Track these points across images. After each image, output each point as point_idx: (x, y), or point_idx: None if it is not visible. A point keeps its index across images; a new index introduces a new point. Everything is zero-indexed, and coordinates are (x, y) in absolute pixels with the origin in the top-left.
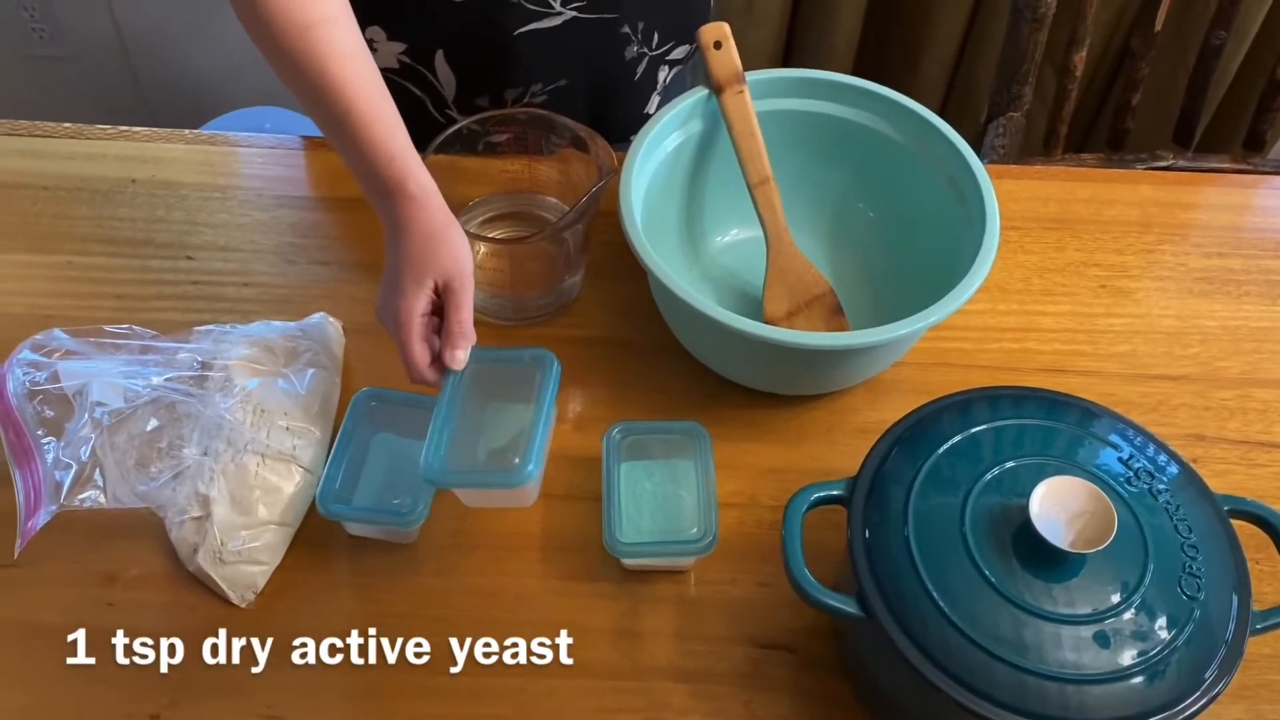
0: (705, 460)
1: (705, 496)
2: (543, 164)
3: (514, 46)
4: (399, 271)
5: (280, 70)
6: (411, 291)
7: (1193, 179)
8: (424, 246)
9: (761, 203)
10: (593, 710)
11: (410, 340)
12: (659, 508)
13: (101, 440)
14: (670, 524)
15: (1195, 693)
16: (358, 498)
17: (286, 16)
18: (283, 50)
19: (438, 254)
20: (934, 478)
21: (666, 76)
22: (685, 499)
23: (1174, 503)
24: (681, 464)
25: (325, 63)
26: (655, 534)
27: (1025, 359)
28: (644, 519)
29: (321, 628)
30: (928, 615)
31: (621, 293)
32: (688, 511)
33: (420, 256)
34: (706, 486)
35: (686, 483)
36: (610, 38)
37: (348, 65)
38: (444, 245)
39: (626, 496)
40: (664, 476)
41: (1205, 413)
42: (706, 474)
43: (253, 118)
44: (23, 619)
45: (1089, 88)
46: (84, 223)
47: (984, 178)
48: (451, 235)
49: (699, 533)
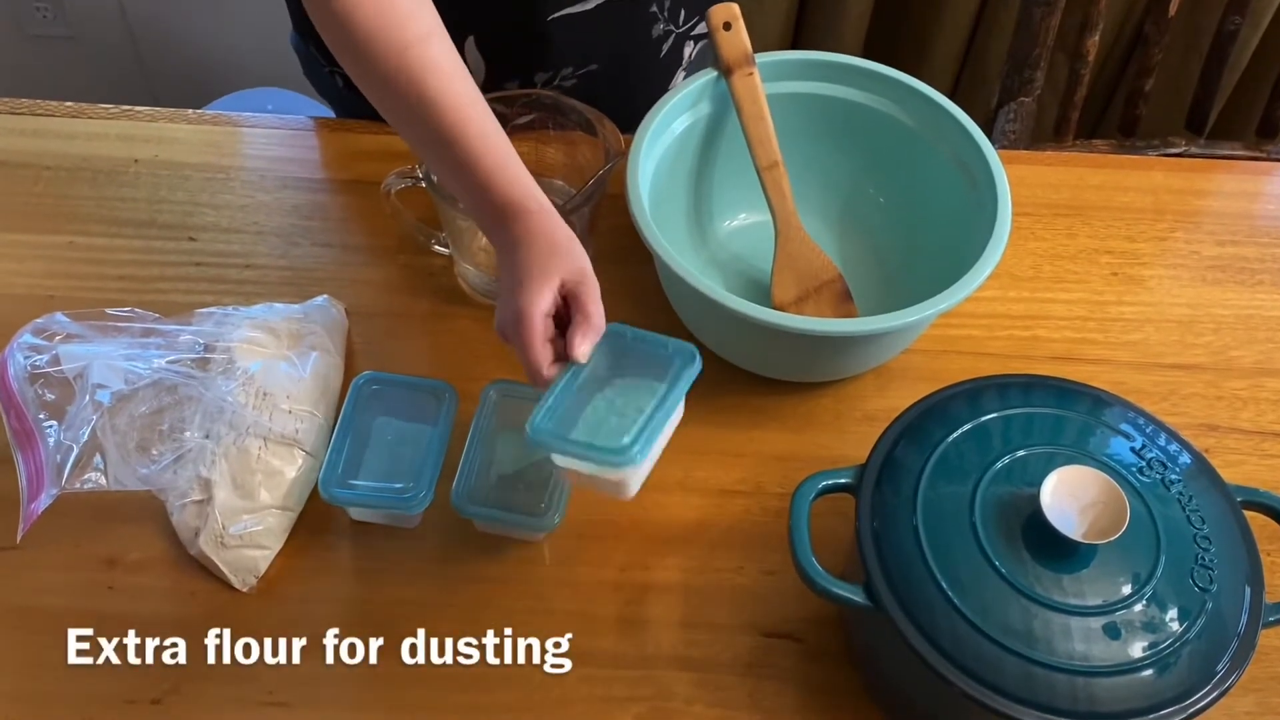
0: (679, 378)
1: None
2: (550, 146)
3: (547, 32)
4: (525, 272)
5: (378, 93)
6: (537, 289)
7: (1206, 165)
8: (550, 251)
9: (770, 187)
10: (598, 699)
11: (534, 339)
12: (600, 412)
13: (102, 422)
14: (604, 429)
15: (1206, 686)
16: (360, 482)
17: (385, 36)
18: (382, 73)
19: (565, 257)
20: (943, 466)
21: (692, 52)
22: (637, 412)
23: (1186, 493)
24: (653, 380)
25: (428, 81)
26: (580, 433)
27: (1035, 347)
28: (582, 416)
29: (324, 613)
30: (936, 605)
31: (628, 277)
32: (630, 424)
33: (547, 259)
34: (664, 404)
35: (646, 395)
36: (639, 17)
37: (453, 84)
38: (570, 250)
39: (577, 393)
40: (625, 382)
41: (1218, 402)
42: (672, 392)
43: (256, 99)
44: (23, 603)
45: (1101, 73)
46: (86, 203)
47: (996, 163)
48: (575, 244)
49: (631, 444)
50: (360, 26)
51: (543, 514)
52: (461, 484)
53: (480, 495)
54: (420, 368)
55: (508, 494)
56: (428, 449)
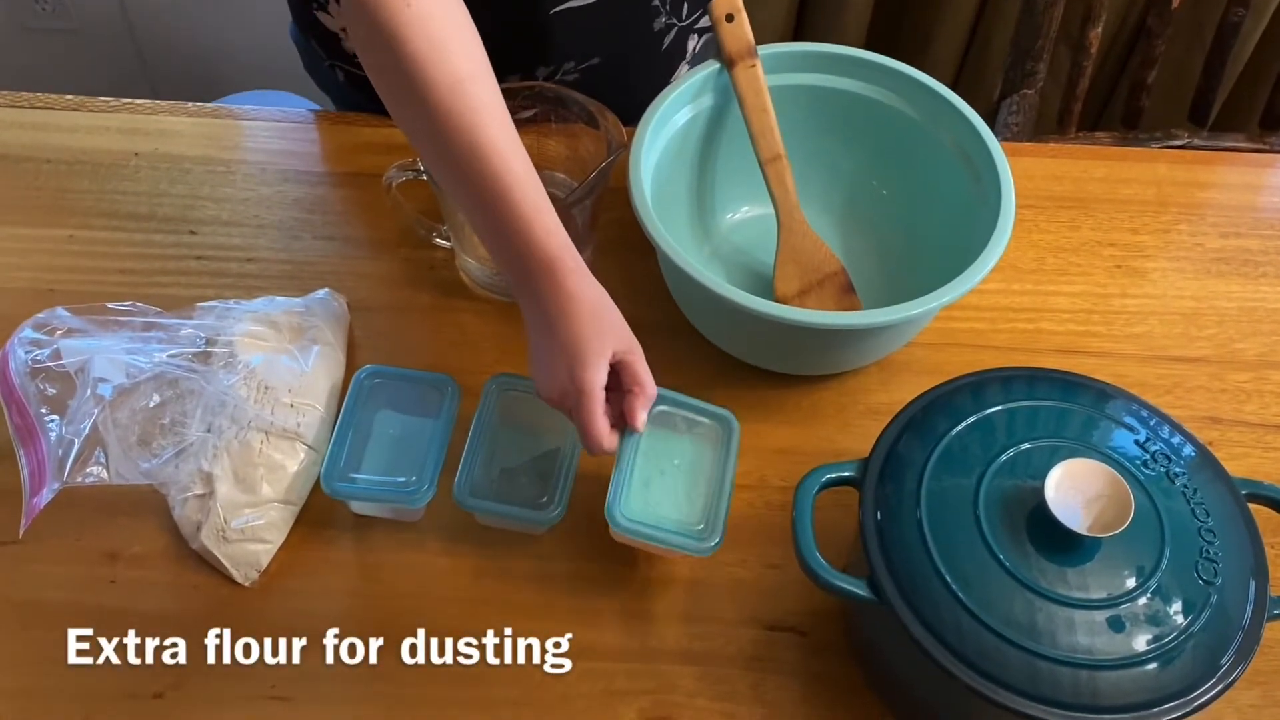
0: (729, 451)
1: (718, 490)
2: (551, 139)
3: (548, 26)
4: (578, 344)
5: (422, 129)
6: (594, 364)
7: (1210, 158)
8: (596, 316)
9: (773, 180)
10: (601, 692)
11: (596, 412)
12: (669, 490)
13: (103, 416)
14: (676, 512)
15: (1210, 679)
16: (362, 476)
17: (439, 69)
18: (431, 106)
19: (611, 323)
20: (947, 460)
21: (696, 45)
22: (699, 487)
23: (1191, 486)
24: (705, 449)
25: (477, 121)
26: (657, 518)
27: (1039, 340)
28: (650, 497)
29: (326, 607)
30: (940, 599)
31: (630, 270)
32: (697, 502)
33: (596, 327)
34: (723, 480)
35: (703, 470)
36: (641, 11)
37: (500, 128)
38: (613, 313)
39: (640, 469)
40: (684, 458)
41: (1221, 395)
42: (726, 466)
43: (254, 101)
44: (25, 597)
45: (1103, 65)
46: (86, 196)
47: (999, 155)
48: (614, 309)
49: (704, 529)
50: (412, 54)
51: (545, 508)
52: (464, 478)
53: (483, 489)
54: (422, 361)
55: (510, 488)
56: (430, 442)
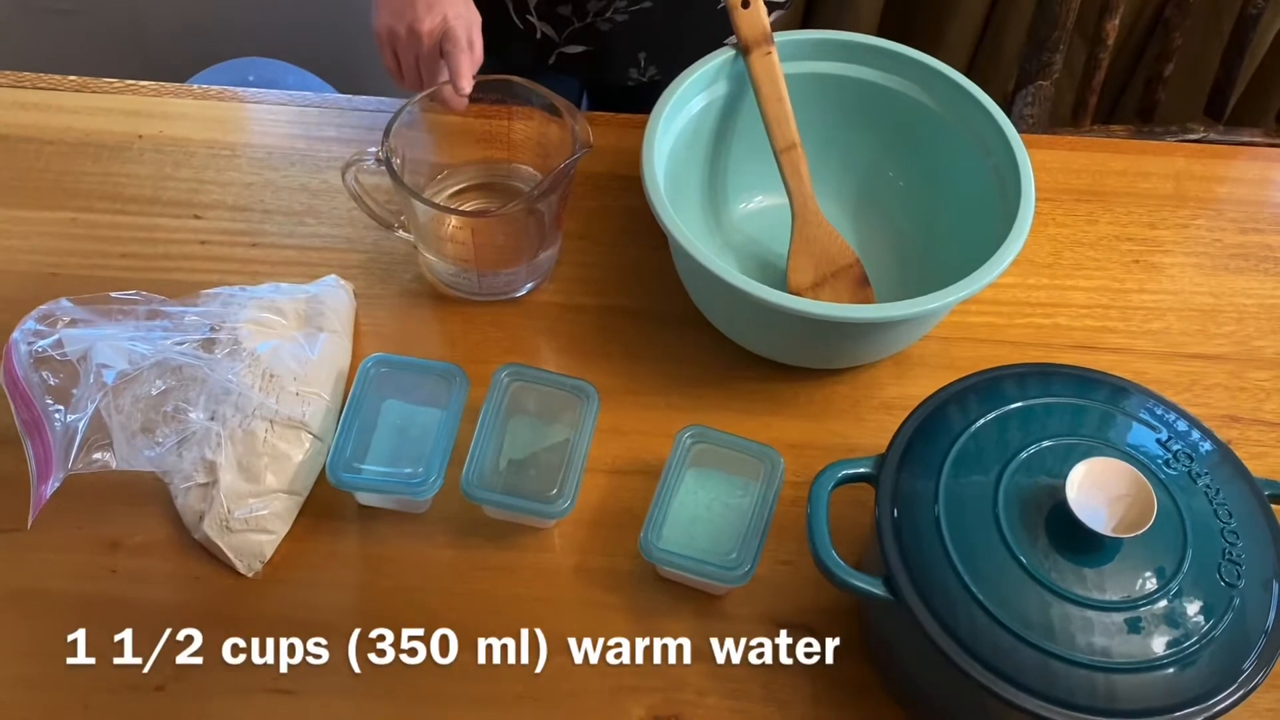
0: (771, 487)
1: (755, 523)
2: (520, 123)
3: None
4: None
5: None
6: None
7: (1229, 152)
8: None
9: (787, 169)
10: (610, 690)
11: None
12: (707, 524)
13: (106, 402)
14: (712, 544)
15: (1231, 685)
16: (368, 466)
17: None
18: None
19: None
20: (965, 456)
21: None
22: (736, 521)
23: (1213, 486)
24: (746, 483)
25: None
26: (694, 550)
27: (1055, 335)
28: (686, 530)
29: (330, 599)
30: (957, 598)
31: (641, 260)
32: (731, 534)
33: None
34: (761, 514)
35: (742, 504)
36: None
37: None
38: None
39: (679, 504)
40: (723, 492)
41: (1240, 393)
42: (765, 501)
43: (236, 69)
44: (26, 585)
45: (1119, 57)
46: (89, 179)
47: (1020, 147)
48: None
49: (737, 559)
50: None
51: (554, 500)
52: (472, 469)
53: (490, 481)
54: (430, 350)
55: (518, 480)
56: (437, 433)
